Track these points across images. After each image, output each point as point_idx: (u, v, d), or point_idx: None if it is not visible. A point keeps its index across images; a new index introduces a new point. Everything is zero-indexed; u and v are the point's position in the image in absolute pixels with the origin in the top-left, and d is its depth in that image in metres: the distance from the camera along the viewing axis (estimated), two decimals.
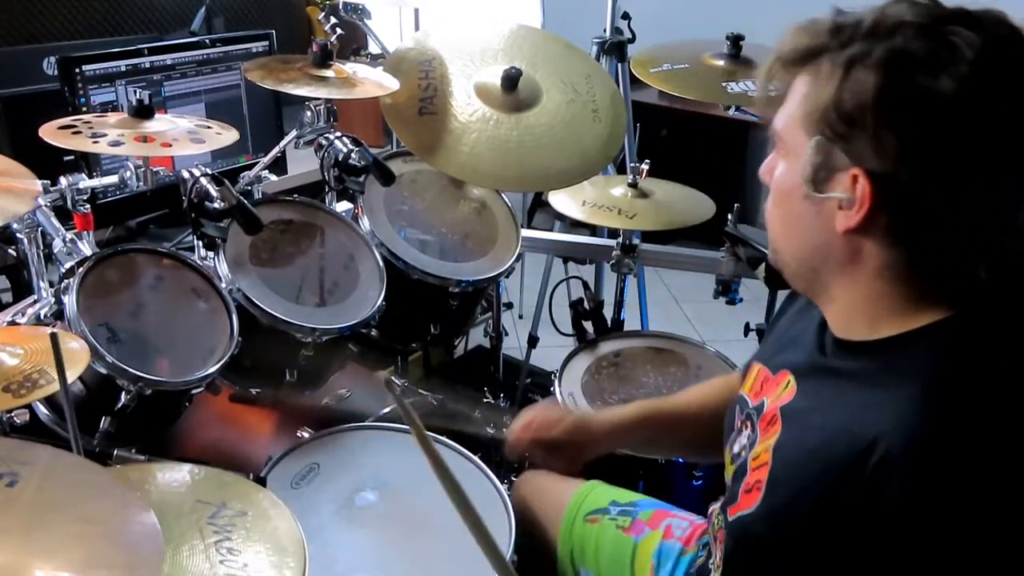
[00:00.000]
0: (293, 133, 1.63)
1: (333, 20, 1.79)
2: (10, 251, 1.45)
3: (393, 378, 1.72)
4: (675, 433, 1.25)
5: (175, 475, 1.08)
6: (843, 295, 0.83)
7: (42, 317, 1.22)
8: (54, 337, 0.82)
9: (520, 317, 3.19)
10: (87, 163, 1.63)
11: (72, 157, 1.38)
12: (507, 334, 2.23)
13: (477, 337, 2.57)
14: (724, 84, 1.76)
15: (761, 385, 0.97)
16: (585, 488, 1.35)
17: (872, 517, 0.74)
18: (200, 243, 1.37)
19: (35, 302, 1.34)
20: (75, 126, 1.28)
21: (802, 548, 0.82)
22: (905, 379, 0.76)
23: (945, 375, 0.76)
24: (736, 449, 0.98)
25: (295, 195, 1.58)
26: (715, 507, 1.04)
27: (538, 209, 3.51)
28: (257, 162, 1.66)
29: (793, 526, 0.82)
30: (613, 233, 2.12)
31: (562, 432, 1.25)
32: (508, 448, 1.32)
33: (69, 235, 1.34)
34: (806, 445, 0.82)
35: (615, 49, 2.47)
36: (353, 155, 1.55)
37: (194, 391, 1.29)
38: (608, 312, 2.16)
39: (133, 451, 1.18)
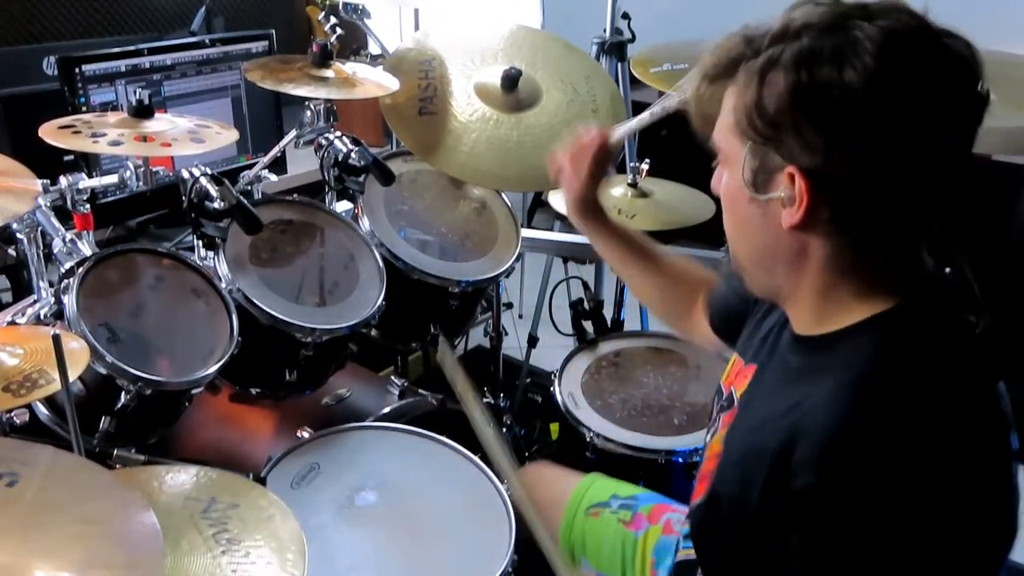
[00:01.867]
0: (293, 133, 1.63)
1: (333, 20, 1.79)
2: (10, 251, 1.45)
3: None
4: (651, 273, 1.27)
5: (166, 479, 1.08)
6: (795, 292, 0.86)
7: (42, 317, 1.22)
8: (56, 338, 0.82)
9: (520, 317, 3.19)
10: (87, 163, 1.63)
11: (72, 157, 1.38)
12: (507, 334, 2.23)
13: (477, 337, 2.57)
14: None
15: (735, 375, 1.01)
16: (586, 481, 1.36)
17: (788, 501, 0.77)
18: (200, 243, 1.37)
19: (35, 302, 1.34)
20: (75, 126, 1.28)
21: (744, 532, 0.85)
22: (839, 370, 0.79)
23: (874, 365, 0.79)
24: (708, 440, 1.03)
25: (295, 195, 1.59)
26: None
27: (538, 209, 3.51)
28: (257, 162, 1.66)
29: (733, 510, 0.86)
30: None
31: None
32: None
33: (69, 235, 1.34)
34: (748, 436, 0.87)
35: (615, 49, 2.47)
36: (353, 155, 1.55)
37: (194, 391, 1.29)
38: (608, 312, 2.16)
39: (133, 451, 1.18)
